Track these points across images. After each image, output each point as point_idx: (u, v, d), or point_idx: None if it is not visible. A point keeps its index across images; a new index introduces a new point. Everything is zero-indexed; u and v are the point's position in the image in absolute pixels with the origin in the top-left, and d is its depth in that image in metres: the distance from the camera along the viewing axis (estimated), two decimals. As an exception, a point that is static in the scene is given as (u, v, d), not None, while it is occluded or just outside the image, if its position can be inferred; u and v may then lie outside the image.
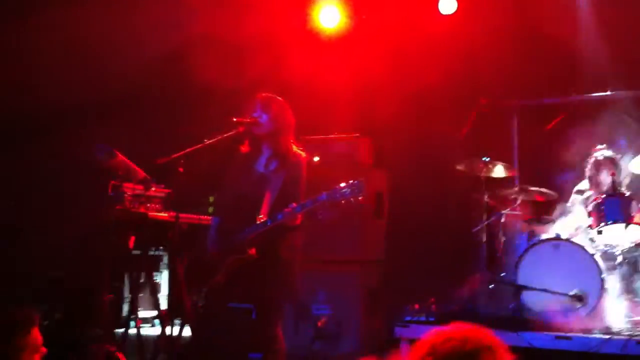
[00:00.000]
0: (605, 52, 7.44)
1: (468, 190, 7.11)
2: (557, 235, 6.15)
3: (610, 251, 6.13)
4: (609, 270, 5.98)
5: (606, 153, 6.51)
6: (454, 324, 2.32)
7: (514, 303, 5.91)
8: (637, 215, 6.06)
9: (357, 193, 4.62)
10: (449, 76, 7.79)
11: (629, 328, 5.50)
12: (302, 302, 6.72)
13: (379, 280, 7.49)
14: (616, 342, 5.19)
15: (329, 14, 8.38)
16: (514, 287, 5.96)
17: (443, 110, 7.86)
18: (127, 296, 7.28)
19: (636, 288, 5.95)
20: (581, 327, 5.51)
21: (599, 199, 6.19)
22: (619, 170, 6.43)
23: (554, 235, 6.17)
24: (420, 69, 7.96)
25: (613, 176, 6.21)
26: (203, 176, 5.10)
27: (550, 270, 5.96)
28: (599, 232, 6.09)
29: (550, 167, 7.19)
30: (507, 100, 7.90)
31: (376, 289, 7.41)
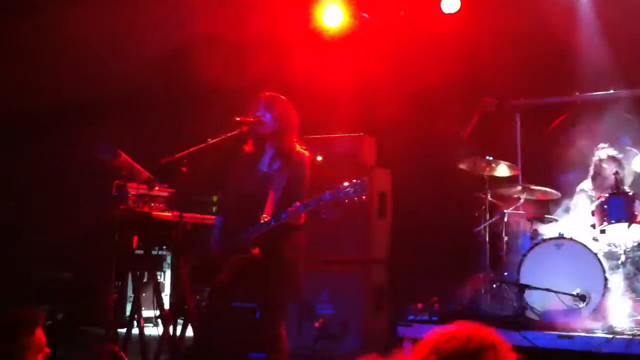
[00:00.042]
0: (608, 52, 7.44)
1: (471, 189, 7.11)
2: (560, 234, 6.15)
3: (613, 250, 6.13)
4: (612, 269, 5.98)
5: (609, 152, 6.51)
6: (457, 323, 2.32)
7: (516, 302, 5.91)
8: (641, 214, 6.06)
9: (361, 192, 4.62)
10: (452, 75, 7.78)
11: (632, 327, 5.49)
12: (306, 302, 6.71)
13: (382, 280, 7.49)
14: (619, 342, 5.18)
15: (331, 13, 8.38)
16: (516, 287, 5.95)
17: (446, 109, 7.86)
18: (130, 296, 7.28)
19: (639, 287, 5.95)
20: (584, 327, 5.51)
21: (602, 197, 6.19)
22: (622, 169, 6.43)
23: (557, 235, 6.17)
24: (424, 68, 7.96)
25: (616, 175, 6.21)
26: (206, 176, 5.10)
27: (553, 270, 5.95)
28: (602, 231, 6.09)
29: (554, 166, 7.18)
30: (511, 100, 7.89)
31: (379, 289, 7.41)
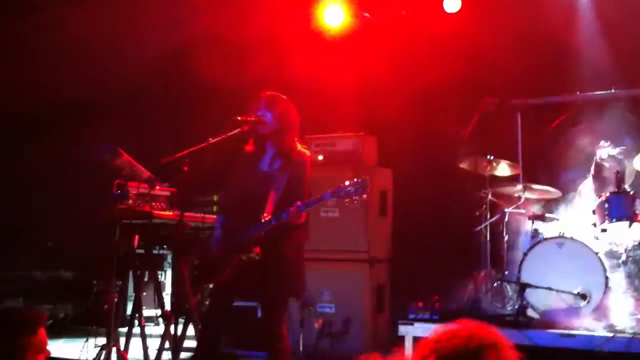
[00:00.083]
0: (609, 51, 7.44)
1: (472, 188, 7.11)
2: (561, 233, 6.15)
3: (614, 249, 6.13)
4: (613, 268, 5.98)
5: (610, 151, 6.50)
6: (458, 321, 2.32)
7: (518, 301, 5.91)
8: (642, 213, 6.06)
9: (361, 191, 4.62)
10: (454, 75, 7.78)
11: (633, 326, 5.49)
12: (307, 301, 6.71)
13: (384, 279, 7.49)
14: (620, 340, 5.19)
15: (333, 13, 8.38)
16: (518, 285, 5.96)
17: (447, 108, 7.86)
18: (131, 295, 7.28)
19: (640, 286, 5.96)
20: (585, 325, 5.52)
21: (603, 196, 6.19)
22: (623, 168, 6.42)
23: (558, 234, 6.17)
24: (425, 68, 7.96)
25: (617, 174, 6.21)
26: (207, 175, 5.08)
27: (554, 269, 5.95)
28: (603, 230, 6.09)
29: (554, 165, 7.18)
30: (512, 99, 7.89)
31: (381, 287, 7.42)
